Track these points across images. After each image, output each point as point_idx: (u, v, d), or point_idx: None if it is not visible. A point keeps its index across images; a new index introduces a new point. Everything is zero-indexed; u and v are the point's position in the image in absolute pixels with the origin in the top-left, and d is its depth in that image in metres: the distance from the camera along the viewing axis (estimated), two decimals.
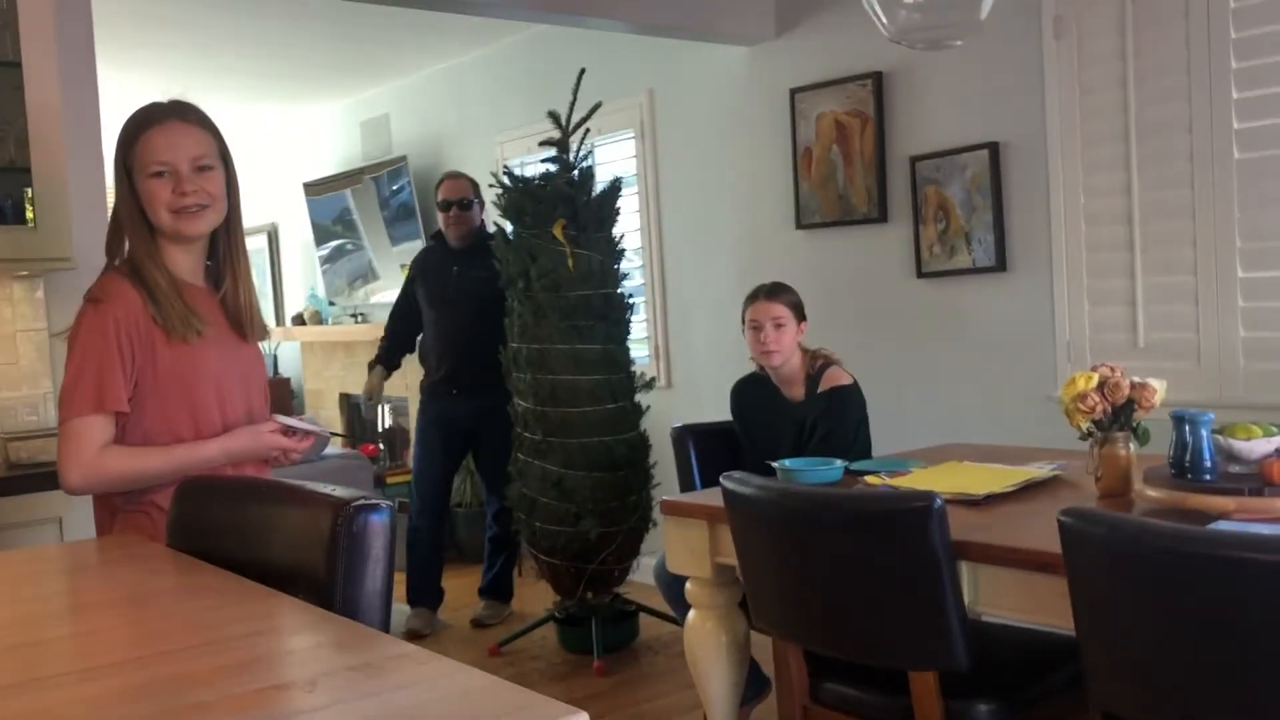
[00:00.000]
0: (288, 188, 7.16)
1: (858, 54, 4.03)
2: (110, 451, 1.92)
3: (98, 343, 1.91)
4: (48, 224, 2.91)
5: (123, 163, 2.00)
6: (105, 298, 1.95)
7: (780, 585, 2.25)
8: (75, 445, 1.90)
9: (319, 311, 6.96)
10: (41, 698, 1.04)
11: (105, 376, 1.90)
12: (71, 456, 1.90)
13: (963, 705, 2.09)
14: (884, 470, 2.74)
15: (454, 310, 4.47)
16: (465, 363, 4.43)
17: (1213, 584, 1.54)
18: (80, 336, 1.93)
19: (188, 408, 1.98)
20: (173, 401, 1.97)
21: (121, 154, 2.00)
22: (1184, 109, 3.20)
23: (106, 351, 1.91)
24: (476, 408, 4.41)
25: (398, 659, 1.06)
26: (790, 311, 3.17)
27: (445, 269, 4.51)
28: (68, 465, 1.91)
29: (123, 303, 1.94)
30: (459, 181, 4.55)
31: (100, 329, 1.92)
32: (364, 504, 1.38)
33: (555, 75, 4.71)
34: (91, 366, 1.90)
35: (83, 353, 1.92)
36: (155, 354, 1.94)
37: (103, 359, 1.90)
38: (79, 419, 1.90)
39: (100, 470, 1.91)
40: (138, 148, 1.98)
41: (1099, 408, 2.29)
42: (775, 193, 4.40)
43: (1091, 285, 3.47)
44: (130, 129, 2.00)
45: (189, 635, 1.22)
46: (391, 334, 4.75)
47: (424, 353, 4.63)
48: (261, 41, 5.31)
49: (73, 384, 1.91)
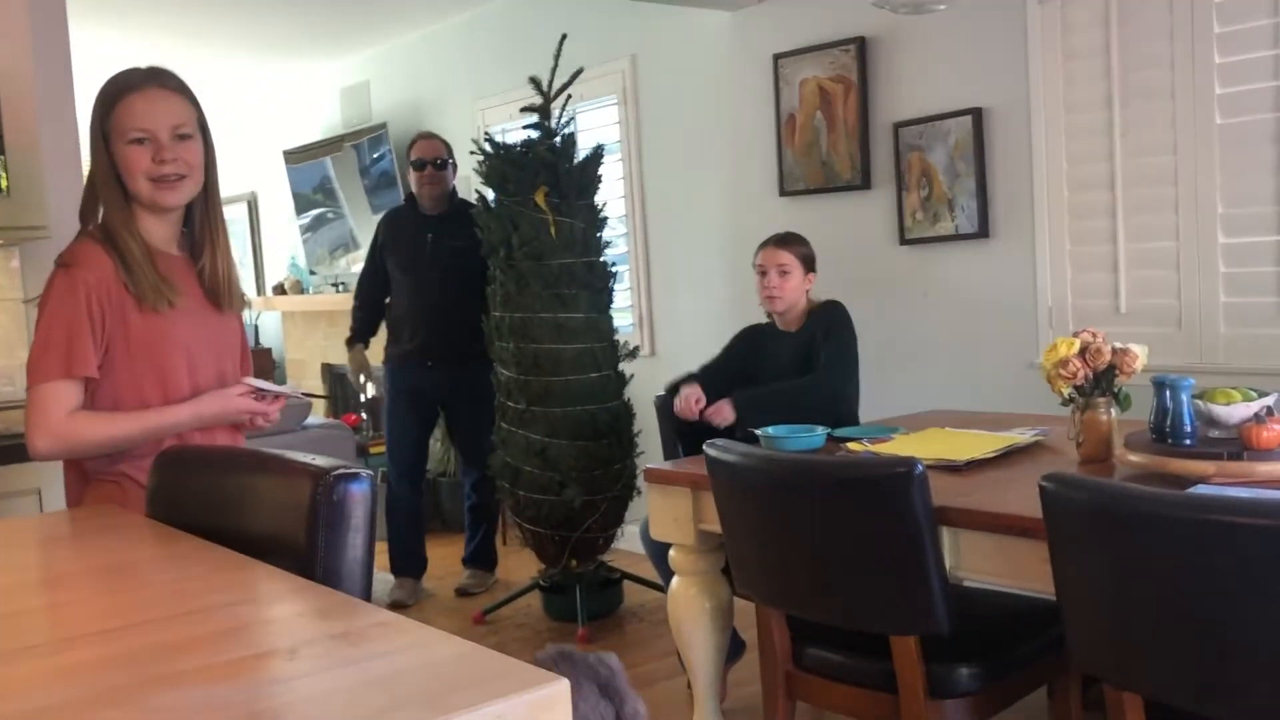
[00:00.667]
0: (267, 156, 7.09)
1: (841, 19, 4.00)
2: (78, 416, 1.91)
3: (68, 308, 1.89)
4: (21, 192, 2.88)
5: (100, 127, 1.97)
6: (76, 263, 1.93)
7: (763, 551, 2.26)
8: (43, 410, 1.88)
9: (300, 281, 6.91)
10: (19, 667, 1.03)
11: (75, 342, 1.88)
12: (39, 421, 1.89)
13: (944, 669, 2.10)
14: (866, 437, 2.75)
15: (429, 279, 4.37)
16: (439, 333, 4.36)
17: (1193, 548, 1.55)
18: (50, 301, 1.91)
19: (157, 375, 1.96)
20: (142, 369, 1.95)
21: (99, 118, 1.97)
22: (1167, 75, 3.19)
23: (76, 317, 1.89)
24: (449, 378, 4.38)
25: (378, 627, 1.05)
26: (797, 260, 3.27)
27: (419, 236, 4.40)
28: (35, 430, 1.89)
29: (94, 268, 1.92)
30: (433, 141, 4.47)
31: (71, 294, 1.90)
32: (344, 473, 1.37)
33: (537, 41, 4.67)
34: (61, 331, 1.89)
35: (52, 317, 1.90)
36: (126, 321, 1.93)
37: (72, 324, 1.89)
38: (47, 384, 1.88)
39: (68, 435, 1.90)
40: (116, 112, 1.95)
41: (1080, 373, 2.29)
42: (759, 159, 4.38)
43: (1074, 251, 3.48)
44: (109, 93, 1.97)
45: (168, 605, 1.22)
46: (364, 304, 4.63)
47: (394, 321, 4.52)
48: (241, 6, 5.24)
49: (41, 349, 1.89)
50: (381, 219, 4.69)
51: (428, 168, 4.39)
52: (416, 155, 4.44)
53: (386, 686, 0.90)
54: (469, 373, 4.31)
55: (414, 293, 4.42)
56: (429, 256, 4.37)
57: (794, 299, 3.27)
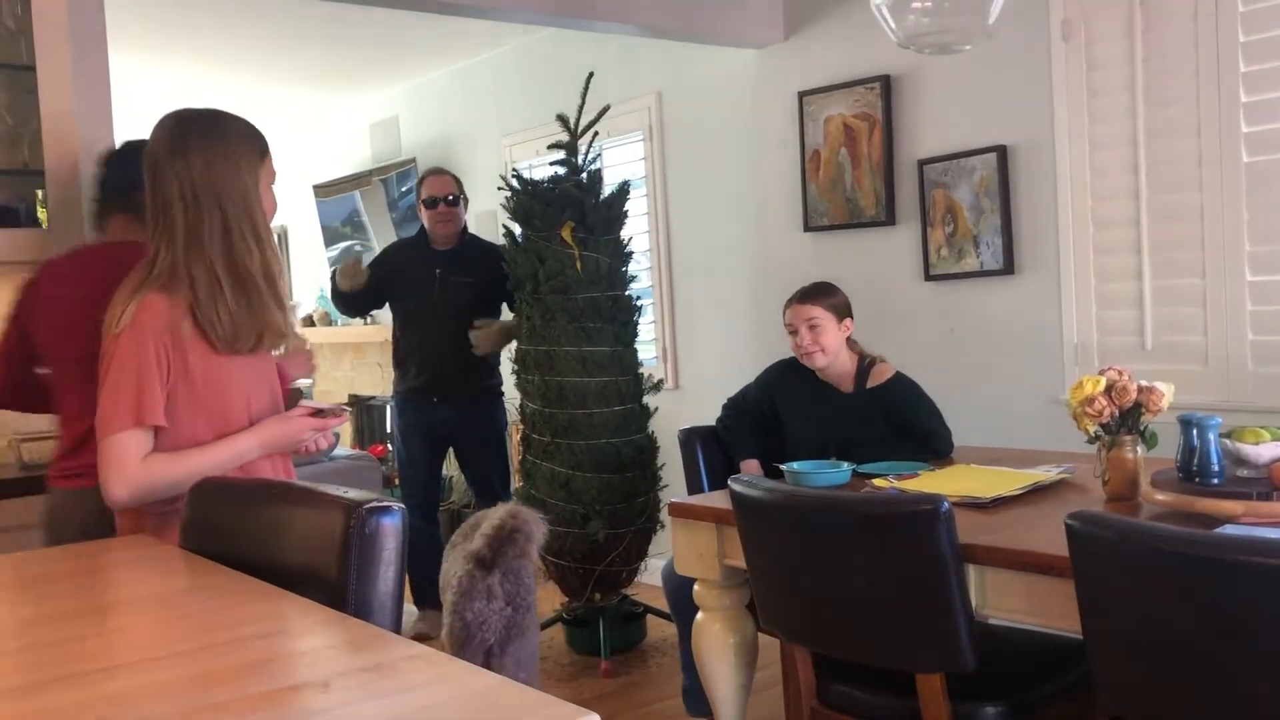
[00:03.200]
0: (297, 190, 7.18)
1: (866, 57, 4.04)
2: (151, 460, 1.92)
3: (137, 358, 1.91)
4: (60, 227, 2.92)
5: (254, 171, 2.02)
6: (141, 310, 1.93)
7: (788, 587, 2.26)
8: (119, 460, 1.90)
9: (329, 313, 6.98)
10: (60, 697, 1.05)
11: (144, 391, 1.90)
12: (114, 471, 1.90)
13: (969, 708, 2.09)
14: (892, 473, 2.75)
15: (436, 316, 4.33)
16: (446, 371, 4.34)
17: (1220, 588, 1.55)
18: (119, 352, 1.92)
19: (219, 417, 1.99)
20: (203, 411, 1.97)
21: (253, 162, 2.02)
22: (1192, 112, 3.20)
23: (145, 366, 1.90)
24: (456, 414, 4.38)
25: (410, 660, 1.07)
26: (827, 311, 3.12)
27: (427, 271, 4.36)
28: (113, 480, 1.90)
29: (160, 315, 1.93)
30: (443, 178, 4.42)
31: (139, 344, 1.91)
32: (376, 506, 1.39)
33: (564, 78, 4.72)
34: (131, 381, 1.90)
35: (121, 367, 1.91)
36: (188, 366, 1.94)
37: (142, 374, 1.90)
38: (120, 434, 1.90)
39: (145, 480, 1.91)
40: (266, 161, 2.04)
41: (1106, 411, 2.29)
42: (783, 195, 4.41)
43: (1099, 288, 3.48)
44: (261, 139, 2.05)
45: (204, 635, 1.24)
46: None
47: (401, 356, 4.51)
48: (272, 43, 5.33)
49: (113, 400, 1.91)
50: (390, 245, 4.68)
51: (440, 205, 4.34)
52: (428, 193, 4.37)
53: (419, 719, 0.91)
54: (475, 408, 4.35)
55: (420, 328, 4.41)
56: (436, 293, 4.34)
57: (835, 350, 3.12)
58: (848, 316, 3.17)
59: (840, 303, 3.17)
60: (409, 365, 4.47)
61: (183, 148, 1.97)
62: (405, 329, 4.49)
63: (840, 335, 3.14)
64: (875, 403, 3.11)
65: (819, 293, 3.17)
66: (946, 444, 3.08)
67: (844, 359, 3.15)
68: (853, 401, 3.13)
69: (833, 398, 3.16)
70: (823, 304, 3.14)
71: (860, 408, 3.11)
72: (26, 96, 2.96)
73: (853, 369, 3.16)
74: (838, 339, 3.13)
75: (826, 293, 3.18)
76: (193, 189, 1.96)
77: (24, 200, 3.05)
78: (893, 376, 3.14)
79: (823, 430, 3.12)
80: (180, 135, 1.99)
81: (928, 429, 3.07)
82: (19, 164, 3.03)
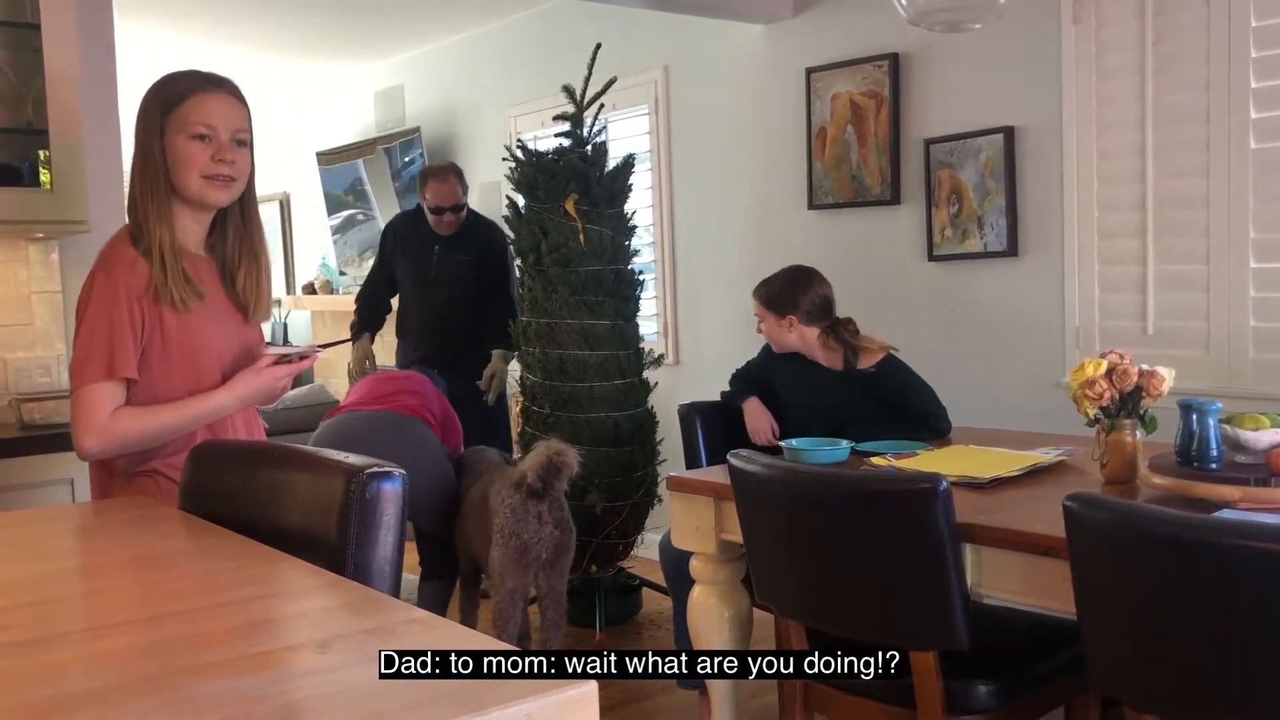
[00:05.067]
0: (301, 157, 7.15)
1: (875, 35, 4.01)
2: (122, 413, 1.94)
3: (109, 310, 1.92)
4: (64, 187, 2.92)
5: (159, 119, 1.99)
6: (116, 264, 1.96)
7: (784, 563, 2.27)
8: (88, 411, 1.92)
9: (330, 281, 6.97)
10: (53, 654, 1.06)
11: (116, 344, 1.91)
12: (84, 422, 1.92)
13: (962, 685, 2.10)
14: (890, 451, 2.75)
15: (435, 290, 4.47)
16: (444, 342, 4.47)
17: (1216, 572, 1.55)
18: (92, 304, 1.94)
19: (191, 373, 2.00)
20: (177, 367, 1.98)
21: (159, 110, 1.99)
22: (1202, 97, 3.18)
23: (118, 319, 1.92)
24: (454, 384, 4.41)
25: (409, 624, 1.07)
26: (762, 306, 3.21)
27: (427, 247, 4.47)
28: (82, 431, 1.93)
29: (134, 269, 1.95)
30: (447, 185, 4.37)
31: (111, 296, 1.93)
32: (376, 471, 1.39)
33: (570, 49, 4.70)
34: (103, 334, 1.92)
35: (94, 320, 1.93)
36: (163, 320, 1.96)
37: (114, 326, 1.92)
38: (91, 385, 1.92)
39: (114, 432, 1.93)
40: (184, 107, 1.98)
41: (1106, 394, 2.29)
42: (788, 172, 4.39)
43: (1102, 272, 3.47)
44: (177, 89, 2.00)
45: (201, 596, 1.24)
46: (369, 301, 4.66)
47: (402, 328, 4.63)
48: (277, 10, 5.30)
49: (84, 352, 1.92)
50: (390, 223, 4.75)
51: (446, 214, 4.39)
52: (433, 201, 4.36)
53: (418, 682, 0.92)
54: (470, 379, 4.41)
55: (420, 303, 4.53)
56: (434, 270, 4.46)
57: (783, 342, 3.19)
58: (790, 313, 3.16)
59: (775, 298, 3.18)
60: (409, 337, 4.60)
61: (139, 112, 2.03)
62: (405, 301, 4.61)
63: (781, 330, 3.18)
64: (865, 384, 3.11)
65: (760, 287, 3.24)
66: (944, 423, 3.08)
67: (812, 345, 3.18)
68: (841, 380, 3.14)
69: (821, 375, 3.18)
70: (759, 298, 3.22)
71: (849, 386, 3.12)
72: (31, 55, 2.94)
73: (822, 350, 3.17)
74: (777, 333, 3.19)
75: (765, 288, 3.23)
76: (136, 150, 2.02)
77: (26, 160, 3.04)
78: (883, 359, 3.13)
79: (813, 407, 3.15)
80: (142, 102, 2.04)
81: (924, 410, 3.07)
82: (22, 123, 3.02)
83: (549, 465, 3.18)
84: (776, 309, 3.19)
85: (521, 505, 3.22)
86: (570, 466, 3.22)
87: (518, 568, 3.23)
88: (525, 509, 3.22)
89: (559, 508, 3.31)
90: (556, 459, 3.18)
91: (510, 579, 3.25)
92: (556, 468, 3.19)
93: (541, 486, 3.20)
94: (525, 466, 3.24)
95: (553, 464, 3.18)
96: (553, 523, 3.26)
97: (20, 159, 3.03)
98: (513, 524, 3.22)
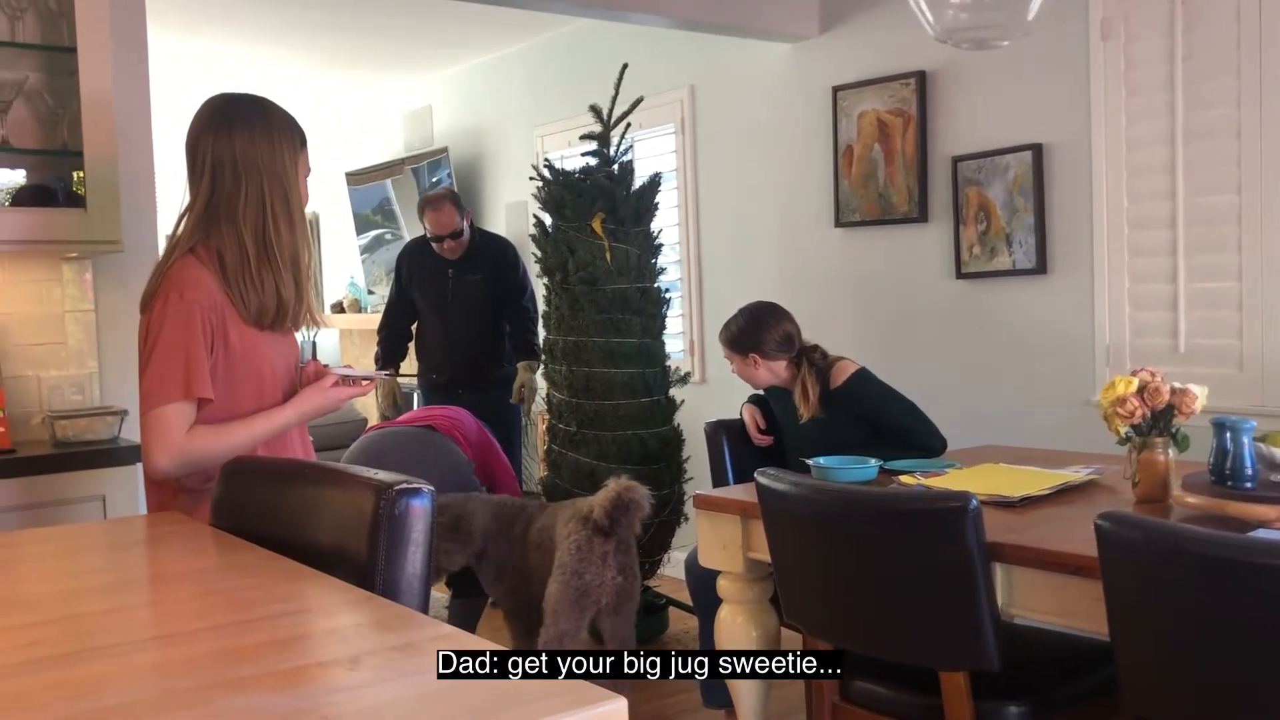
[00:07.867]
0: (330, 176, 7.22)
1: (901, 53, 4.01)
2: (196, 432, 1.94)
3: (184, 330, 1.92)
4: (98, 207, 2.96)
5: (294, 157, 2.03)
6: (189, 285, 1.95)
7: (812, 582, 2.26)
8: (164, 430, 1.91)
9: (358, 300, 7.02)
10: (86, 669, 1.06)
11: (193, 364, 1.91)
12: (160, 441, 1.91)
13: (993, 706, 2.08)
14: (919, 470, 2.73)
15: (452, 316, 4.56)
16: (466, 364, 4.56)
17: (1251, 592, 1.53)
18: (166, 324, 1.93)
19: (258, 391, 2.01)
20: (241, 383, 1.99)
21: (292, 148, 2.03)
22: (1232, 113, 3.16)
23: (193, 339, 1.92)
24: (477, 404, 4.41)
25: (438, 640, 1.07)
26: (725, 348, 3.25)
27: (440, 273, 4.55)
28: (158, 450, 1.91)
29: (203, 289, 1.95)
30: (442, 212, 4.44)
31: (187, 317, 1.92)
32: (406, 488, 1.40)
33: (597, 69, 4.72)
34: (179, 354, 1.91)
35: (169, 340, 1.92)
36: (228, 338, 1.96)
37: (190, 347, 1.92)
38: (167, 405, 1.91)
39: (188, 451, 1.92)
40: (305, 154, 2.05)
41: (1138, 412, 2.27)
42: (815, 190, 4.39)
43: (1133, 289, 3.44)
44: (301, 134, 2.07)
45: (232, 612, 1.25)
46: (390, 331, 4.73)
47: (423, 351, 4.70)
48: (308, 30, 5.36)
49: (161, 371, 1.91)
50: (403, 250, 4.82)
51: (446, 240, 4.47)
52: (432, 230, 4.46)
53: (447, 698, 0.92)
54: (493, 398, 4.47)
55: (439, 328, 4.61)
56: (450, 293, 4.54)
57: (752, 379, 3.24)
58: (752, 352, 3.18)
59: (738, 339, 3.21)
60: (431, 360, 4.67)
61: (227, 122, 1.99)
62: (429, 328, 4.69)
63: (749, 368, 3.22)
64: (840, 403, 3.10)
65: (722, 330, 3.28)
66: (930, 440, 3.03)
67: (784, 378, 3.21)
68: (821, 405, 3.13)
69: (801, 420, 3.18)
70: (722, 341, 3.27)
71: (827, 409, 3.11)
72: (67, 78, 2.99)
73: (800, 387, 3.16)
74: (747, 372, 3.23)
75: (725, 330, 3.27)
76: (233, 161, 1.98)
77: (61, 181, 3.09)
78: (851, 374, 3.13)
79: (796, 434, 3.18)
80: (225, 111, 2.01)
81: (900, 425, 3.03)
82: (58, 144, 3.06)
83: (618, 501, 3.01)
84: (739, 349, 3.22)
85: (587, 542, 3.03)
86: (641, 506, 3.03)
87: (574, 609, 3.03)
88: (590, 547, 3.03)
89: (625, 551, 3.11)
90: (626, 494, 3.01)
91: (564, 619, 3.03)
92: (625, 504, 3.01)
93: (609, 523, 3.01)
94: (594, 501, 3.07)
95: (622, 500, 3.00)
96: (616, 568, 3.07)
97: (56, 180, 3.08)
98: (575, 562, 3.02)
